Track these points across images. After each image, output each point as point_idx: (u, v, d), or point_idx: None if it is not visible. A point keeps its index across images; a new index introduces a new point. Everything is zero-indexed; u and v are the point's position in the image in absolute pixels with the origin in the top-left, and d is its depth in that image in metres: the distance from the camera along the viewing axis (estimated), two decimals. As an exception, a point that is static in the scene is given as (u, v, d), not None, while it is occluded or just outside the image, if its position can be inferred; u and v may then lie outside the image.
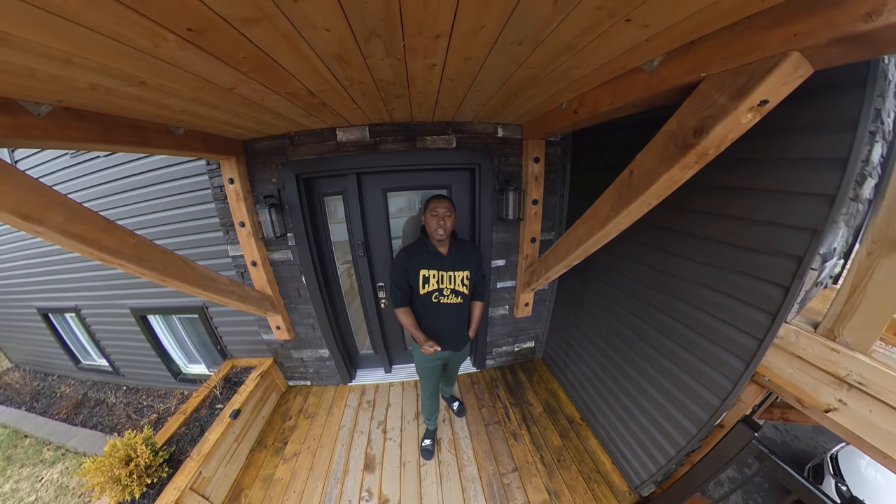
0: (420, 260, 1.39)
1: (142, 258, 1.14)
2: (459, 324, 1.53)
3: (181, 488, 1.46)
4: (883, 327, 0.80)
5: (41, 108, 0.81)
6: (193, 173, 1.99)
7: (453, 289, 1.42)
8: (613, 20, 0.61)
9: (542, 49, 0.76)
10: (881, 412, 0.79)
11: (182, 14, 0.52)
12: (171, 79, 0.77)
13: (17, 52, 0.56)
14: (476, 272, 1.48)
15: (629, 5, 0.55)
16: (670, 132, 0.77)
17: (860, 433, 0.83)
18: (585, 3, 0.56)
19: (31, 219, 0.82)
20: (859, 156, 0.78)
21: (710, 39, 0.64)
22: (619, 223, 1.05)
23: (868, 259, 0.78)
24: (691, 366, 1.26)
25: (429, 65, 0.85)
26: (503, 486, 1.65)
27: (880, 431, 0.79)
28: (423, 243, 1.39)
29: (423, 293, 1.40)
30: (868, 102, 0.76)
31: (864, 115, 0.76)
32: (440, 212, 1.31)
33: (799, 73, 0.55)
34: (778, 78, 0.55)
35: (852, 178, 0.80)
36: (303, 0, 0.53)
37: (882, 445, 0.79)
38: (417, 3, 0.56)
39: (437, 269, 1.39)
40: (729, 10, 0.55)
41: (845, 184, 0.81)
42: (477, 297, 1.55)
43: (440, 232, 1.31)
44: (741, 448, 1.12)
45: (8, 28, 0.49)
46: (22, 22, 0.48)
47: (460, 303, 1.46)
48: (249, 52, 0.69)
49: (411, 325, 1.44)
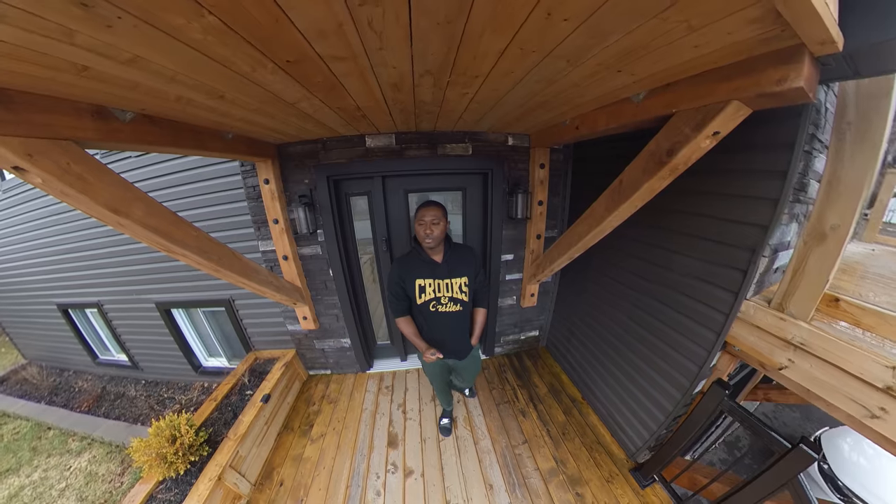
0: (414, 269, 1.36)
1: (203, 250, 1.26)
2: (461, 332, 1.50)
3: (222, 465, 1.57)
4: (817, 300, 1.01)
5: (127, 115, 0.90)
6: (228, 173, 2.15)
7: (451, 296, 1.39)
8: (609, 71, 0.82)
9: (554, 86, 0.97)
10: (819, 367, 1.00)
11: (289, 50, 0.64)
12: (248, 94, 0.89)
13: (136, 70, 0.64)
14: (475, 277, 1.43)
15: (621, 62, 0.76)
16: (650, 151, 0.99)
17: (806, 385, 1.04)
18: (590, 61, 0.76)
19: (119, 212, 0.91)
20: (796, 169, 1.00)
21: (680, 84, 0.84)
22: (611, 221, 1.27)
23: (805, 248, 1.00)
24: (674, 340, 1.48)
25: (463, 93, 1.05)
26: (515, 457, 1.84)
27: (820, 382, 1.01)
28: (416, 252, 1.37)
29: (421, 303, 1.38)
30: (802, 129, 0.97)
31: (800, 138, 0.98)
32: (427, 220, 1.26)
33: (740, 113, 0.76)
34: (725, 116, 0.76)
35: (791, 186, 1.02)
36: (387, 49, 0.70)
37: (822, 393, 1.00)
38: (469, 55, 0.74)
39: (432, 277, 1.36)
40: (692, 66, 0.75)
41: (786, 190, 1.03)
42: (479, 303, 1.52)
43: (427, 241, 1.28)
44: (717, 405, 1.31)
45: (144, 54, 0.59)
46: (158, 50, 0.57)
47: (460, 311, 1.43)
48: (325, 78, 0.84)
49: (412, 333, 1.43)
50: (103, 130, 0.86)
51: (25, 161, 0.71)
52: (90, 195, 0.84)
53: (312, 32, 0.60)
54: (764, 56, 0.63)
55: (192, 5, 0.47)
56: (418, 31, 0.63)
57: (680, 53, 0.69)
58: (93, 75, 0.66)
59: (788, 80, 0.60)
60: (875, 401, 0.88)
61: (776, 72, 0.61)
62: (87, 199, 0.84)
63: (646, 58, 0.73)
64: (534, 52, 0.73)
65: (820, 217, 0.96)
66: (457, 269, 1.39)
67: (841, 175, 0.91)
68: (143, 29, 0.52)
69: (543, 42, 0.68)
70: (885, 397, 0.86)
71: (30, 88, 0.69)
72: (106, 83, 0.71)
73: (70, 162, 0.80)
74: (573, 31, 0.62)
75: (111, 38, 0.53)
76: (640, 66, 0.78)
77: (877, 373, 0.87)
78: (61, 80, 0.67)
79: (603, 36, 0.64)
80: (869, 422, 0.90)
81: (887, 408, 0.86)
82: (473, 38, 0.66)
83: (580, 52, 0.72)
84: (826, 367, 0.98)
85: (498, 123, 1.64)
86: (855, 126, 0.87)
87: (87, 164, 0.84)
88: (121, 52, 0.58)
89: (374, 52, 0.71)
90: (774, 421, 3.26)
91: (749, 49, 0.63)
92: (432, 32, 0.64)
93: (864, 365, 0.89)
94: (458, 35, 0.65)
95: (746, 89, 0.68)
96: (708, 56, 0.68)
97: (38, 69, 0.60)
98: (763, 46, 0.61)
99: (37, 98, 0.71)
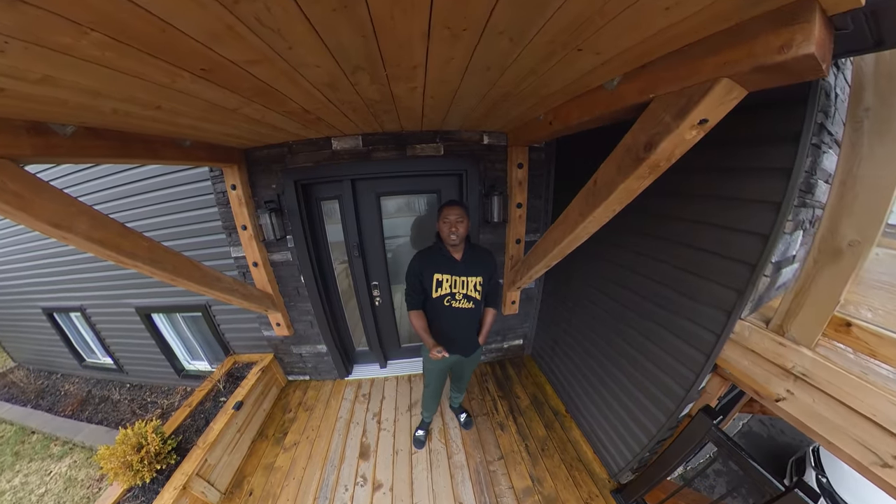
0: (434, 264, 1.43)
1: (154, 260, 1.22)
2: (470, 329, 1.54)
3: (188, 473, 1.54)
4: (824, 324, 0.87)
5: (67, 129, 0.90)
6: (196, 179, 2.10)
7: (466, 294, 1.44)
8: (566, 50, 0.70)
9: (509, 73, 0.86)
10: (822, 402, 0.87)
11: (196, 58, 0.63)
12: (184, 104, 0.88)
13: (55, 88, 0.65)
14: (489, 279, 1.49)
15: (577, 37, 0.63)
16: (626, 146, 0.84)
17: (806, 421, 0.91)
18: (537, 38, 0.64)
19: (60, 227, 0.91)
20: (803, 165, 0.84)
21: (657, 63, 0.70)
22: (587, 227, 1.15)
23: (814, 266, 0.85)
24: (661, 359, 1.36)
25: (410, 87, 0.97)
26: (489, 473, 1.76)
27: (822, 419, 0.87)
28: (438, 248, 1.44)
29: (436, 297, 1.44)
30: (810, 116, 0.81)
31: (806, 128, 0.82)
32: (451, 219, 1.34)
33: (732, 95, 0.61)
34: (713, 99, 0.61)
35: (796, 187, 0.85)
36: (297, 46, 0.64)
37: (824, 432, 0.87)
38: (392, 42, 0.66)
39: (450, 273, 1.42)
40: (668, 39, 0.61)
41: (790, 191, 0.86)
42: (490, 303, 1.57)
43: (452, 238, 1.35)
44: (703, 435, 1.20)
45: (51, 72, 0.59)
46: (63, 67, 0.58)
47: (472, 308, 1.47)
48: (252, 84, 0.80)
49: (422, 328, 1.47)
50: (41, 146, 0.86)
51: None
52: (29, 212, 0.84)
53: (206, 37, 0.56)
54: (759, 18, 0.50)
55: (71, 24, 0.46)
56: (318, 23, 0.56)
57: (649, 20, 0.55)
58: (12, 95, 0.66)
59: (794, 45, 0.46)
60: (889, 447, 0.73)
61: (777, 37, 0.48)
62: (26, 215, 0.84)
63: (606, 29, 0.59)
64: (465, 31, 0.62)
65: (832, 226, 0.80)
66: (474, 268, 1.45)
67: (858, 174, 0.74)
68: (35, 50, 0.51)
69: (468, 17, 0.57)
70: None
71: None
72: (31, 101, 0.71)
73: (6, 180, 0.79)
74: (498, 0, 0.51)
75: (9, 61, 0.53)
76: (603, 40, 0.64)
77: (892, 415, 0.72)
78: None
79: (537, 3, 0.52)
80: (879, 471, 0.76)
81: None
82: (385, 22, 0.58)
83: (521, 26, 0.61)
84: (831, 402, 0.84)
85: (467, 121, 1.56)
86: (874, 113, 0.71)
87: (25, 182, 0.84)
88: (28, 73, 0.59)
89: (285, 51, 0.65)
90: (771, 428, 3.12)
91: (739, 10, 0.50)
92: (335, 21, 0.56)
93: (877, 404, 0.75)
94: (367, 20, 0.57)
95: (739, 63, 0.54)
96: (686, 22, 0.54)
97: None
98: (757, 5, 0.48)
99: None
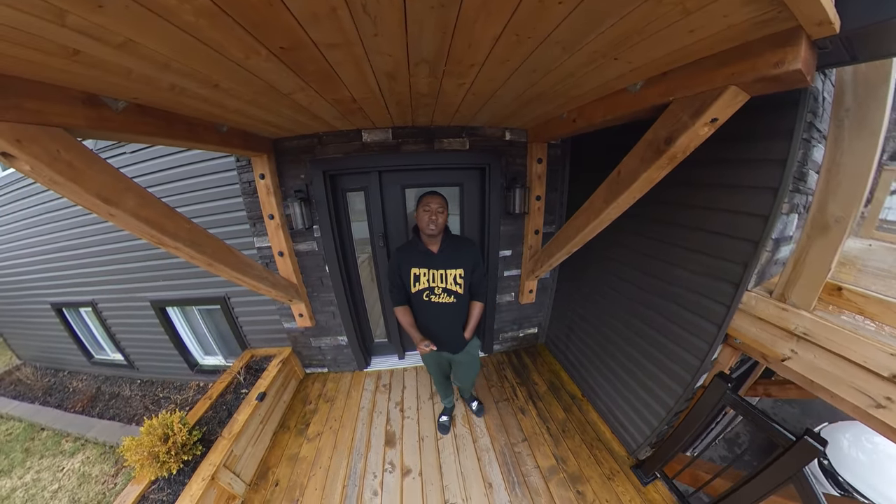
0: (410, 258, 1.39)
1: (195, 242, 1.23)
2: (453, 324, 1.49)
3: (216, 464, 1.54)
4: (819, 289, 1.01)
5: (119, 104, 0.87)
6: (222, 169, 2.13)
7: (445, 287, 1.39)
8: (605, 59, 0.82)
9: (550, 75, 0.96)
10: (822, 356, 0.99)
11: (282, 36, 0.65)
12: (242, 83, 0.88)
13: (129, 55, 0.63)
14: (472, 270, 1.43)
15: (617, 49, 0.76)
16: (648, 140, 1.00)
17: (809, 376, 1.03)
18: (585, 48, 0.76)
19: (109, 202, 0.89)
20: (795, 157, 0.99)
21: (677, 72, 0.84)
22: (609, 214, 1.27)
23: (807, 239, 1.00)
24: (674, 333, 1.46)
25: (459, 83, 1.04)
26: (514, 454, 1.82)
27: (823, 373, 1.00)
28: (414, 242, 1.40)
29: (415, 291, 1.40)
30: (801, 116, 0.96)
31: (798, 126, 0.97)
32: (433, 207, 1.28)
33: (738, 99, 0.75)
34: (723, 102, 0.75)
35: (790, 175, 1.00)
36: (382, 35, 0.70)
37: (826, 384, 0.99)
38: (464, 42, 0.74)
39: (427, 267, 1.38)
40: (688, 53, 0.75)
41: (786, 178, 1.01)
42: (477, 297, 1.50)
43: (431, 227, 1.30)
44: (719, 399, 1.28)
45: (135, 37, 0.57)
46: (150, 33, 0.57)
47: (454, 302, 1.42)
48: (319, 67, 0.83)
49: (408, 324, 1.45)
50: (94, 119, 0.85)
51: (14, 147, 0.70)
52: (80, 183, 0.83)
53: (306, 16, 0.59)
54: (760, 40, 0.64)
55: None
56: (413, 16, 0.62)
57: (676, 39, 0.69)
58: (84, 60, 0.65)
59: (786, 62, 0.61)
60: (880, 390, 0.86)
61: (773, 55, 0.62)
62: (77, 187, 0.83)
63: (641, 44, 0.72)
64: (529, 39, 0.72)
65: (821, 206, 0.95)
66: (452, 260, 1.40)
67: (840, 163, 0.89)
68: (134, 10, 0.51)
69: (538, 28, 0.67)
70: (890, 386, 0.84)
71: (21, 73, 0.67)
72: (98, 69, 0.70)
73: (60, 149, 0.79)
74: (568, 16, 0.62)
75: (102, 20, 0.53)
76: (636, 53, 0.77)
77: (882, 361, 0.85)
78: (53, 65, 0.66)
79: (598, 20, 0.63)
80: (874, 412, 0.88)
81: (893, 397, 0.84)
82: (468, 24, 0.65)
83: (575, 39, 0.72)
84: (830, 356, 0.97)
85: (495, 117, 1.63)
86: (853, 113, 0.86)
87: (78, 152, 0.83)
88: (112, 35, 0.57)
89: (368, 38, 0.71)
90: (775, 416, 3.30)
91: (745, 33, 0.64)
92: (427, 17, 0.63)
93: (868, 354, 0.88)
94: (453, 20, 0.64)
95: (744, 74, 0.68)
96: (704, 41, 0.69)
97: (29, 52, 0.59)
98: (759, 30, 0.62)
99: (28, 84, 0.70)
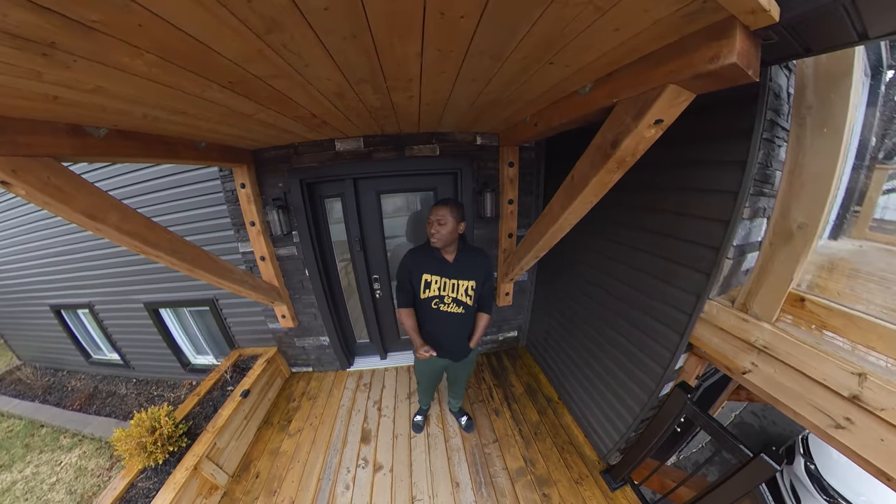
0: (424, 264, 1.38)
1: (175, 251, 1.33)
2: (459, 334, 1.48)
3: (199, 455, 1.63)
4: (782, 300, 0.94)
5: (100, 132, 1.00)
6: (206, 178, 2.21)
7: (455, 297, 1.38)
8: (540, 63, 0.82)
9: (493, 83, 0.99)
10: (782, 371, 0.93)
11: (227, 73, 0.74)
12: (206, 110, 0.99)
13: (102, 96, 0.75)
14: (483, 283, 1.43)
15: (547, 53, 0.75)
16: (596, 144, 0.96)
17: (769, 390, 0.97)
18: (513, 55, 0.76)
19: (95, 218, 1.01)
20: (756, 158, 0.92)
21: (620, 72, 0.81)
22: (568, 219, 1.27)
23: (771, 248, 0.94)
24: (642, 342, 1.46)
25: (408, 96, 1.09)
26: (484, 455, 1.86)
27: (783, 388, 0.93)
28: (430, 247, 1.37)
29: (423, 298, 1.39)
30: (760, 114, 0.89)
31: (757, 124, 0.90)
32: (431, 219, 1.29)
33: (681, 98, 0.71)
34: (664, 102, 0.71)
35: (751, 177, 0.93)
36: (312, 65, 0.76)
37: (786, 400, 0.93)
38: (391, 61, 0.78)
39: (440, 275, 1.36)
40: (626, 52, 0.72)
41: (746, 181, 0.94)
42: (484, 309, 1.51)
43: (433, 239, 1.30)
44: (680, 409, 1.29)
45: (103, 84, 0.70)
46: (114, 80, 0.68)
47: (461, 313, 1.41)
48: (270, 93, 0.91)
49: (411, 327, 1.43)
50: (79, 146, 0.96)
51: (10, 177, 0.81)
52: (69, 204, 0.95)
53: (239, 58, 0.68)
54: (696, 34, 0.60)
55: (131, 48, 0.57)
56: (332, 48, 0.68)
57: (603, 38, 0.66)
58: (64, 102, 0.76)
59: (721, 56, 0.55)
60: (840, 410, 0.80)
61: (709, 49, 0.57)
62: (67, 207, 0.95)
63: (570, 46, 0.70)
64: (452, 52, 0.74)
65: (783, 211, 0.89)
66: (467, 271, 1.38)
67: (803, 164, 0.82)
68: (97, 67, 0.62)
69: (454, 41, 0.68)
70: (850, 406, 0.78)
71: (12, 114, 0.79)
72: (76, 107, 0.82)
73: (50, 176, 0.90)
74: (477, 27, 0.62)
75: (73, 75, 0.63)
76: (569, 55, 0.75)
77: (841, 380, 0.79)
78: (38, 107, 0.77)
79: (510, 28, 0.63)
80: (834, 432, 0.81)
81: (853, 418, 0.77)
82: (386, 46, 0.69)
83: (498, 47, 0.72)
84: (790, 371, 0.91)
85: (461, 123, 1.68)
86: (815, 110, 0.78)
87: (65, 177, 0.94)
88: (84, 84, 0.69)
89: (301, 68, 0.77)
90: (763, 419, 3.17)
91: (678, 29, 0.60)
92: (345, 46, 0.68)
93: (828, 371, 0.81)
94: (371, 45, 0.69)
95: (681, 71, 0.64)
96: (635, 39, 0.65)
97: (18, 101, 0.72)
98: (691, 24, 0.57)
99: (19, 122, 0.81)
